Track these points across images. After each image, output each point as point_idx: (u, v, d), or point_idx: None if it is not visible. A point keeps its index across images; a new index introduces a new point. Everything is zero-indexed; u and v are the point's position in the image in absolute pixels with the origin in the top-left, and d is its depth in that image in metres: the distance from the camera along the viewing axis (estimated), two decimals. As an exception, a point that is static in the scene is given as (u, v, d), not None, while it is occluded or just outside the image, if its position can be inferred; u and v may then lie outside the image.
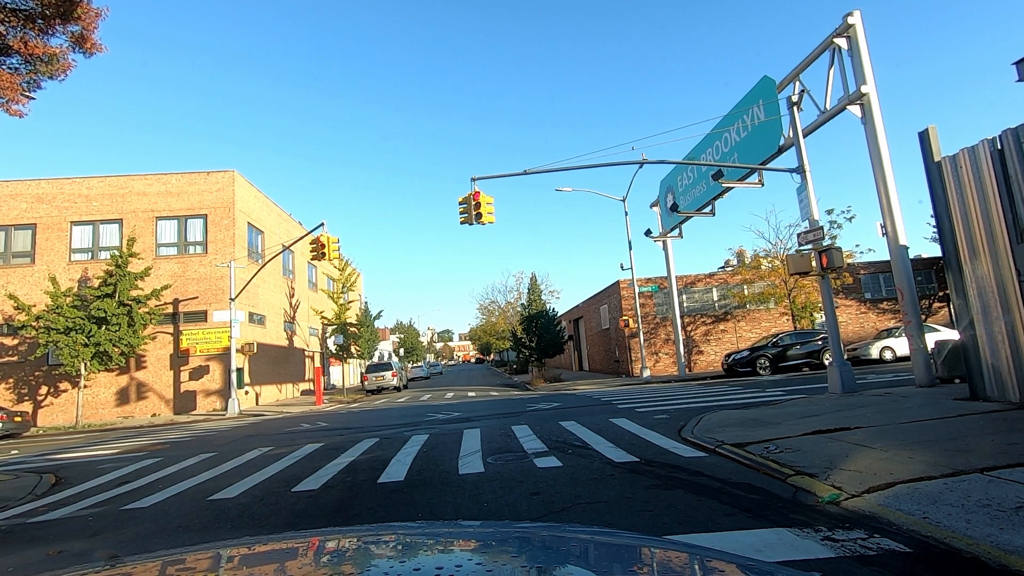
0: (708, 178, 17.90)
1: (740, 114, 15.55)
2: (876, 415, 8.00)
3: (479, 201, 13.75)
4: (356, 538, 1.48)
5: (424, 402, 20.59)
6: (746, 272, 25.55)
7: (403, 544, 1.38)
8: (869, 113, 11.31)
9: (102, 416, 22.91)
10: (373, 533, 1.62)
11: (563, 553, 1.24)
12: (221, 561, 1.27)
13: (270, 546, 1.43)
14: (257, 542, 1.47)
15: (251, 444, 11.17)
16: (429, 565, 1.10)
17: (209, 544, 1.48)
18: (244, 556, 1.32)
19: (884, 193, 11.15)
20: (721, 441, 7.10)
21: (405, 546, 1.36)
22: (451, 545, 1.33)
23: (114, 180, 24.81)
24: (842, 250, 10.59)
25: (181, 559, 1.30)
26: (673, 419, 10.19)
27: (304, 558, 1.27)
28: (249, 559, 1.29)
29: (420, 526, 2.27)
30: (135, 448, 12.20)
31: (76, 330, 20.19)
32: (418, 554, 1.27)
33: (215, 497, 6.44)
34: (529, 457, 7.33)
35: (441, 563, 1.11)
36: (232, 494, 6.51)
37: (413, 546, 1.36)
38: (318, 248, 17.66)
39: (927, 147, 8.57)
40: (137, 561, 1.22)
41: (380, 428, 12.41)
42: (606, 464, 6.58)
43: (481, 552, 1.26)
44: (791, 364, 20.59)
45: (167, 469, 8.88)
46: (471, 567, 1.09)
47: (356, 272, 34.02)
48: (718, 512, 4.52)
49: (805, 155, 11.80)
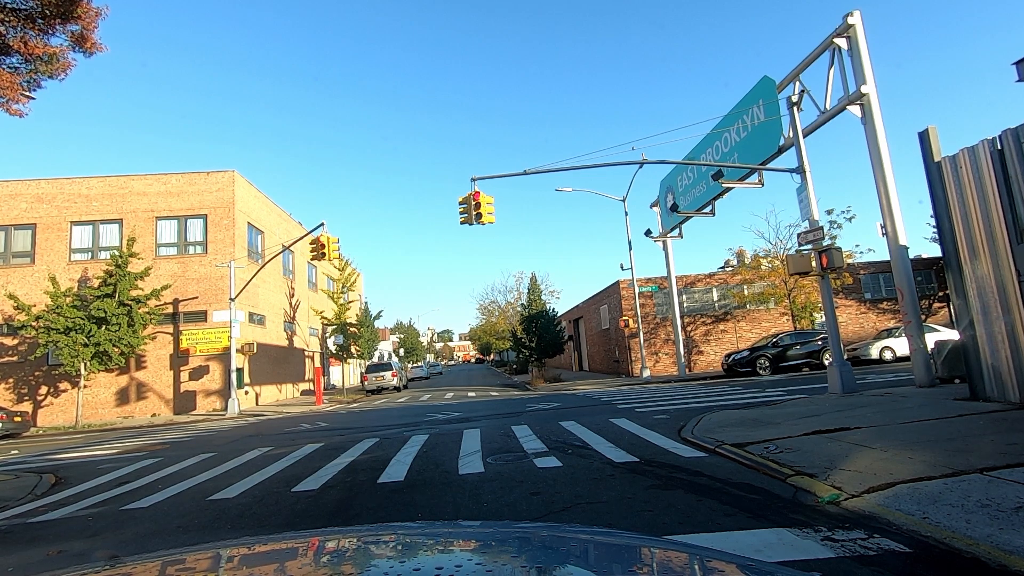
0: (708, 178, 17.90)
1: (740, 114, 15.55)
2: (876, 415, 8.00)
3: (479, 201, 13.75)
4: (356, 538, 1.48)
5: (424, 402, 20.59)
6: (746, 272, 25.55)
7: (403, 544, 1.38)
8: (869, 113, 11.31)
9: (102, 416, 22.91)
10: (373, 533, 1.62)
11: (563, 553, 1.24)
12: (221, 561, 1.28)
13: (270, 546, 1.44)
14: (257, 542, 1.47)
15: (251, 444, 11.16)
16: (429, 565, 1.10)
17: (209, 544, 1.48)
18: (244, 556, 1.32)
19: (884, 193, 11.15)
20: (721, 441, 7.10)
21: (405, 546, 1.36)
22: (451, 545, 1.33)
23: (114, 180, 24.80)
24: (842, 250, 10.59)
25: (181, 559, 1.30)
26: (673, 419, 10.19)
27: (304, 558, 1.28)
28: (249, 559, 1.29)
29: (420, 526, 2.28)
30: (135, 448, 12.19)
31: (76, 330, 20.19)
32: (418, 554, 1.27)
33: (215, 497, 6.44)
34: (529, 457, 7.33)
35: (441, 563, 1.12)
36: (232, 494, 6.51)
37: (413, 546, 1.36)
38: (318, 248, 17.65)
39: (927, 147, 8.57)
40: (137, 561, 1.23)
41: (380, 428, 12.41)
42: (606, 464, 6.58)
43: (481, 552, 1.27)
44: (791, 364, 20.59)
45: (167, 469, 8.88)
46: (471, 567, 1.10)
47: (356, 272, 34.02)
48: (718, 512, 4.52)
49: (805, 155, 11.80)
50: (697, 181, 18.89)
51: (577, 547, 1.29)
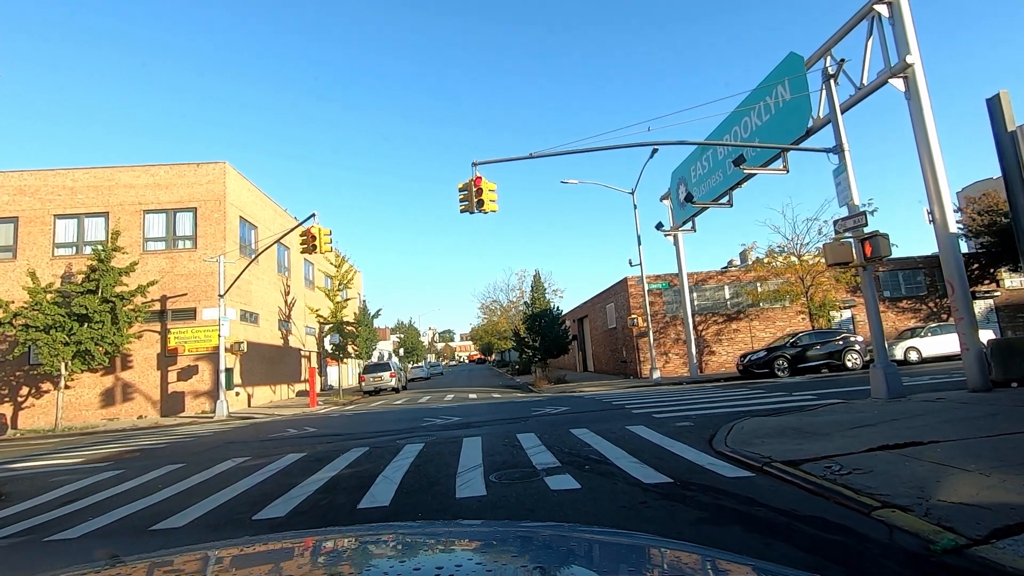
0: (725, 166, 16.78)
1: (762, 96, 14.42)
2: (943, 426, 6.86)
3: (480, 187, 12.63)
4: (356, 538, 1.48)
5: (422, 404, 19.48)
6: (760, 269, 24.36)
7: (403, 544, 1.37)
8: (914, 86, 10.17)
9: (86, 418, 21.84)
10: (373, 533, 1.63)
11: (565, 552, 1.22)
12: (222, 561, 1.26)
13: (271, 546, 1.44)
14: (258, 542, 1.48)
15: (227, 453, 10.06)
16: (429, 565, 1.09)
17: (209, 544, 1.46)
18: (244, 556, 1.31)
19: (931, 175, 10.00)
20: (768, 457, 5.97)
21: (405, 546, 1.35)
22: (452, 545, 1.33)
23: (100, 172, 23.73)
24: (888, 237, 9.45)
25: (181, 559, 1.28)
26: (698, 427, 9.07)
27: (305, 558, 1.27)
28: (249, 559, 1.27)
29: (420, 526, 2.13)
30: (101, 457, 11.10)
31: (56, 328, 19.13)
32: (418, 553, 1.26)
33: (160, 526, 5.32)
34: (539, 475, 6.22)
35: (441, 563, 1.11)
36: (181, 522, 5.39)
37: (413, 546, 1.35)
38: (308, 240, 16.53)
39: (997, 115, 7.45)
40: (137, 561, 1.22)
41: (372, 435, 11.31)
42: (633, 486, 5.46)
43: (482, 552, 1.23)
44: (810, 365, 19.44)
45: (124, 485, 7.78)
46: (471, 567, 1.08)
47: (353, 269, 32.83)
48: (798, 562, 3.40)
49: (843, 132, 10.65)
50: (713, 170, 17.75)
51: (580, 547, 1.27)
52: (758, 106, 14.64)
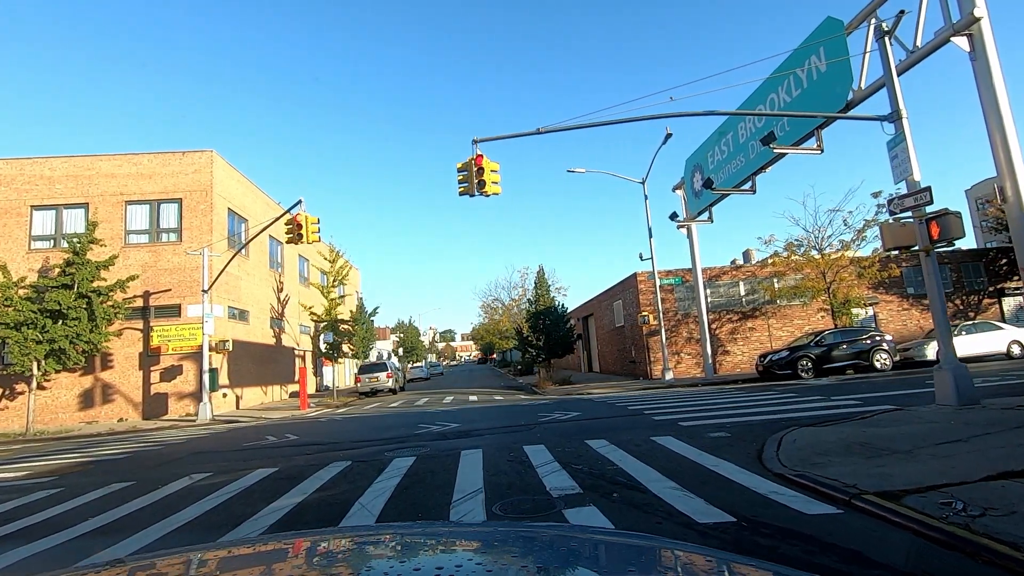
0: (748, 149, 15.43)
1: (792, 67, 13.05)
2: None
3: (482, 167, 11.29)
4: (355, 538, 1.46)
5: (419, 408, 18.14)
6: (779, 263, 22.97)
7: (403, 544, 1.34)
8: (980, 45, 8.81)
9: (62, 421, 20.56)
10: (373, 533, 1.60)
11: (567, 553, 1.17)
12: (222, 561, 1.25)
13: (271, 546, 1.41)
14: (258, 542, 1.46)
15: (190, 467, 8.74)
16: (429, 565, 1.07)
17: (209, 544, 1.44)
18: (244, 556, 1.29)
19: (1001, 146, 8.64)
20: (854, 486, 4.63)
21: (405, 546, 1.32)
22: (452, 545, 1.30)
23: (80, 160, 22.44)
24: (961, 216, 8.08)
25: (181, 559, 1.27)
26: (736, 438, 7.73)
27: (304, 558, 1.24)
28: (249, 559, 1.25)
29: (420, 526, 2.07)
30: (50, 470, 9.78)
31: (28, 325, 17.85)
32: (418, 554, 1.24)
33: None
34: (556, 506, 4.89)
35: (441, 563, 1.08)
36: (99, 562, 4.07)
37: (413, 546, 1.32)
38: (295, 229, 15.19)
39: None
40: (137, 561, 1.22)
41: (358, 444, 9.99)
42: (684, 527, 4.12)
43: (482, 552, 1.20)
44: (836, 366, 18.08)
45: (56, 508, 6.47)
46: (471, 567, 1.05)
47: (349, 265, 31.46)
48: None
49: (900, 98, 9.30)
50: (733, 154, 16.39)
51: (583, 547, 1.23)
52: (787, 80, 13.27)
